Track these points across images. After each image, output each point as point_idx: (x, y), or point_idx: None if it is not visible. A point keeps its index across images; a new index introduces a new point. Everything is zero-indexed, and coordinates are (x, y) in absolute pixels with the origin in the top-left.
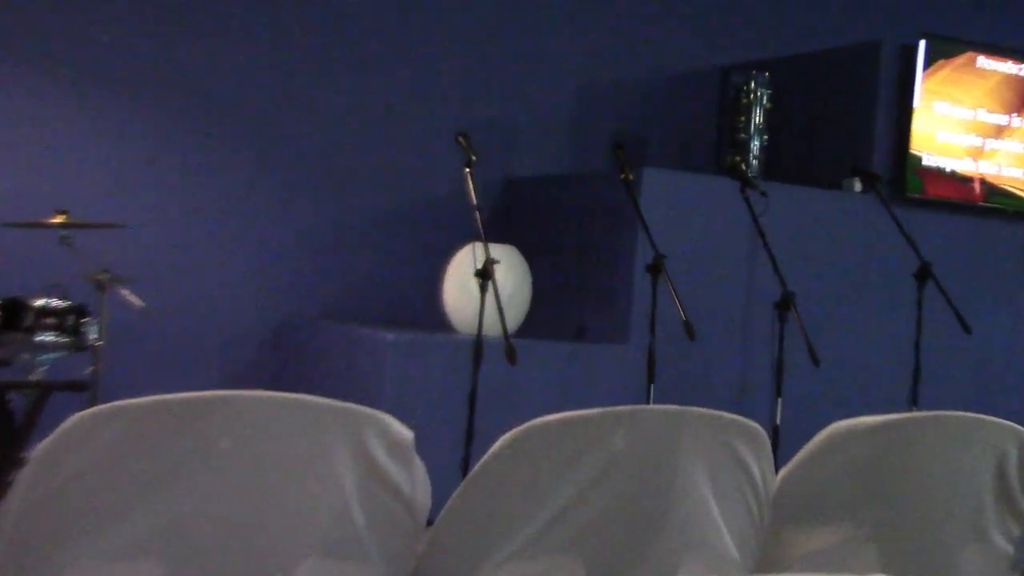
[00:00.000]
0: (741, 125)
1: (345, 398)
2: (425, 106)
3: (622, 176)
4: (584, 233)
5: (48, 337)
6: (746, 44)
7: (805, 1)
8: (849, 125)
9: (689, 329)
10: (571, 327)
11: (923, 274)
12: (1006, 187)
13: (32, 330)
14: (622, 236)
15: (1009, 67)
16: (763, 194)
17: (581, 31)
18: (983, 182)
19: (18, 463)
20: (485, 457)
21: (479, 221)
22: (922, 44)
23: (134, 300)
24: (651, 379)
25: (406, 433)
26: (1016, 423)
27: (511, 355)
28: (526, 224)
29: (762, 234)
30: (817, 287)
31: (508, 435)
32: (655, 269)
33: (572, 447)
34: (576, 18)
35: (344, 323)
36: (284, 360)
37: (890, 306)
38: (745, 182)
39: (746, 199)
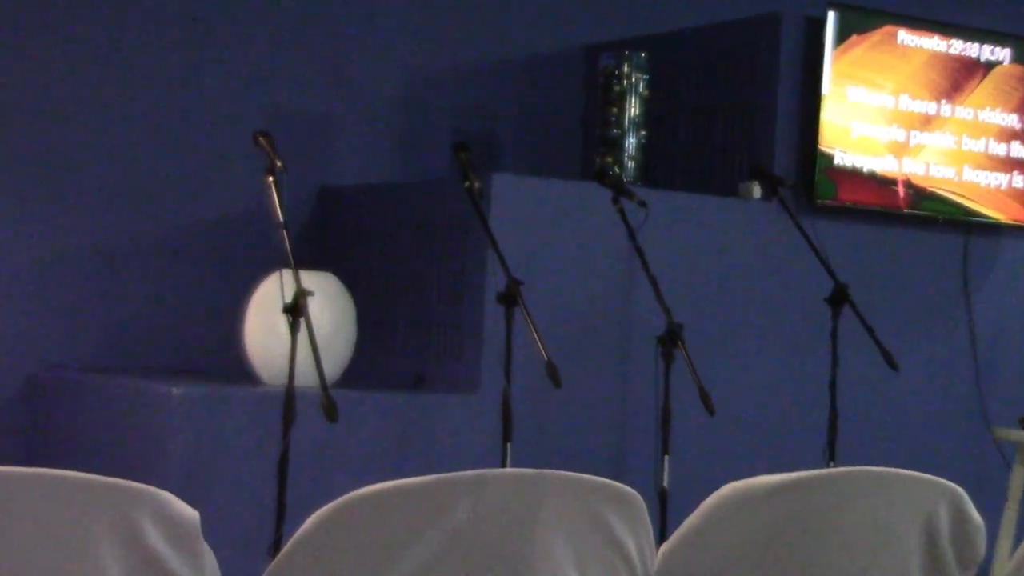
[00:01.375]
0: (613, 119)
1: (117, 471)
2: (215, 100)
3: (465, 184)
4: (420, 256)
5: None
6: (617, 18)
7: None
8: (745, 117)
9: (553, 373)
10: (407, 374)
11: (838, 299)
12: (936, 190)
13: None
14: (468, 259)
15: (936, 43)
16: (641, 204)
17: (413, 4)
18: (909, 184)
19: None
20: (293, 539)
21: (287, 243)
22: (831, 16)
23: None
24: (507, 436)
25: (190, 514)
26: (952, 478)
27: (330, 410)
28: (347, 246)
29: (641, 254)
30: (710, 318)
31: (322, 511)
32: (509, 299)
33: (403, 523)
34: None
35: (116, 374)
36: (36, 423)
37: (800, 339)
38: (619, 190)
39: (620, 211)
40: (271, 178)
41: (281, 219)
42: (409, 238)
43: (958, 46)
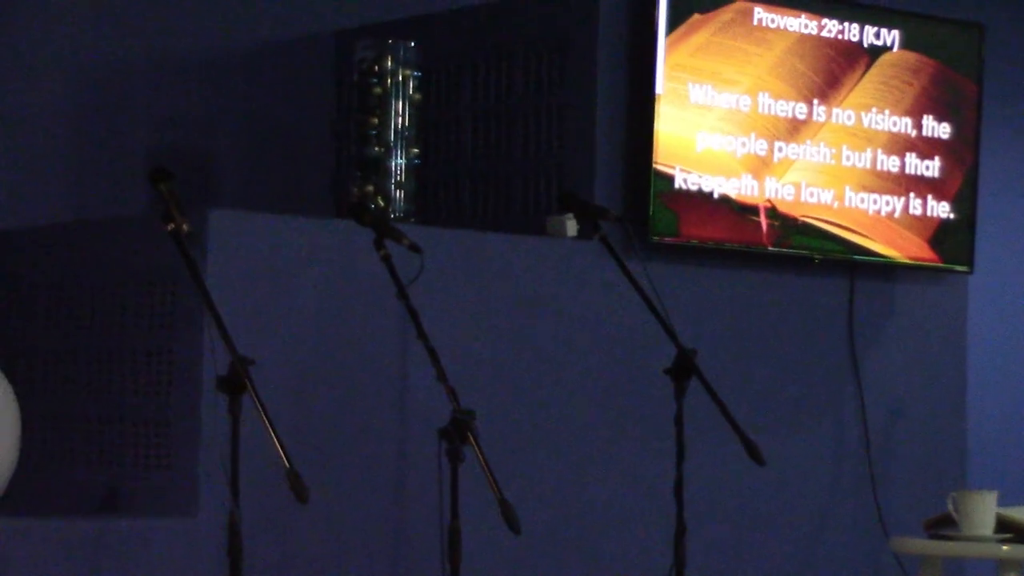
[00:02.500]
0: (373, 132)
1: None
2: None
3: (169, 226)
4: (109, 326)
5: None
6: None
7: None
8: (554, 128)
9: (297, 484)
10: (95, 490)
11: (683, 370)
12: (811, 220)
13: None
14: (176, 329)
15: (804, 24)
16: (413, 249)
17: None
18: (774, 213)
19: None
20: None
21: None
22: None
23: None
24: (235, 570)
25: None
26: None
27: None
28: (3, 313)
29: (415, 317)
30: (512, 399)
31: None
32: (235, 384)
33: None
34: None
35: None
36: None
37: (634, 425)
38: (382, 230)
39: (385, 258)
40: None
41: None
42: (92, 300)
43: (833, 27)
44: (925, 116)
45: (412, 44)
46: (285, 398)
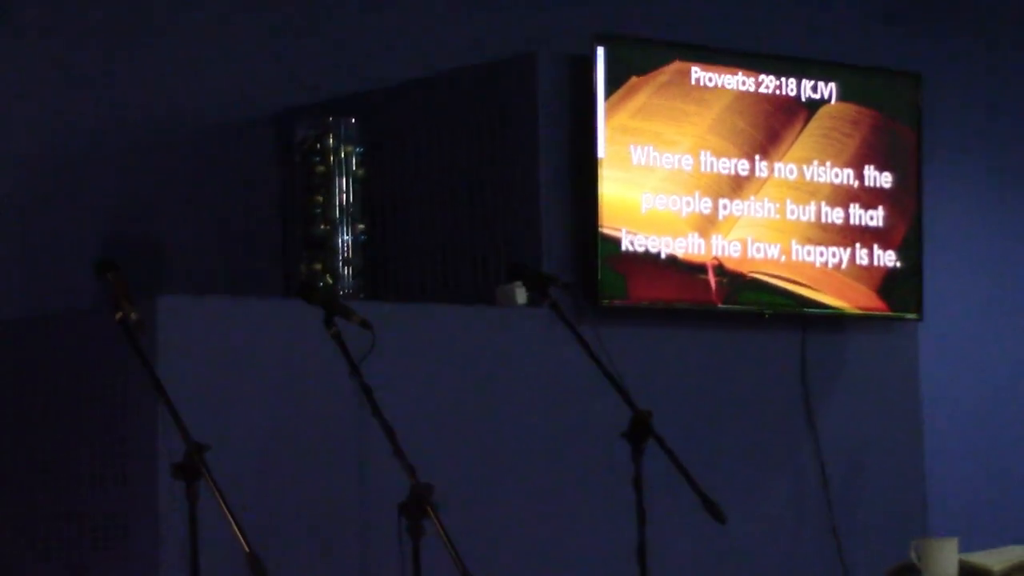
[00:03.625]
0: (318, 211)
1: None
2: None
3: (116, 315)
4: (58, 420)
5: None
6: (316, 72)
7: None
8: (498, 197)
9: (257, 568)
10: None
11: (639, 432)
12: (759, 276)
13: None
14: (128, 419)
15: (741, 81)
16: (364, 325)
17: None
18: (722, 271)
19: None
20: None
21: None
22: (600, 53)
23: None
24: None
25: None
26: None
27: None
28: None
29: (368, 393)
30: (470, 470)
31: None
32: (190, 471)
33: None
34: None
35: None
36: None
37: (593, 490)
38: (332, 308)
39: (336, 336)
40: None
41: None
42: (44, 394)
43: (770, 83)
44: (867, 166)
45: (353, 120)
46: (242, 481)
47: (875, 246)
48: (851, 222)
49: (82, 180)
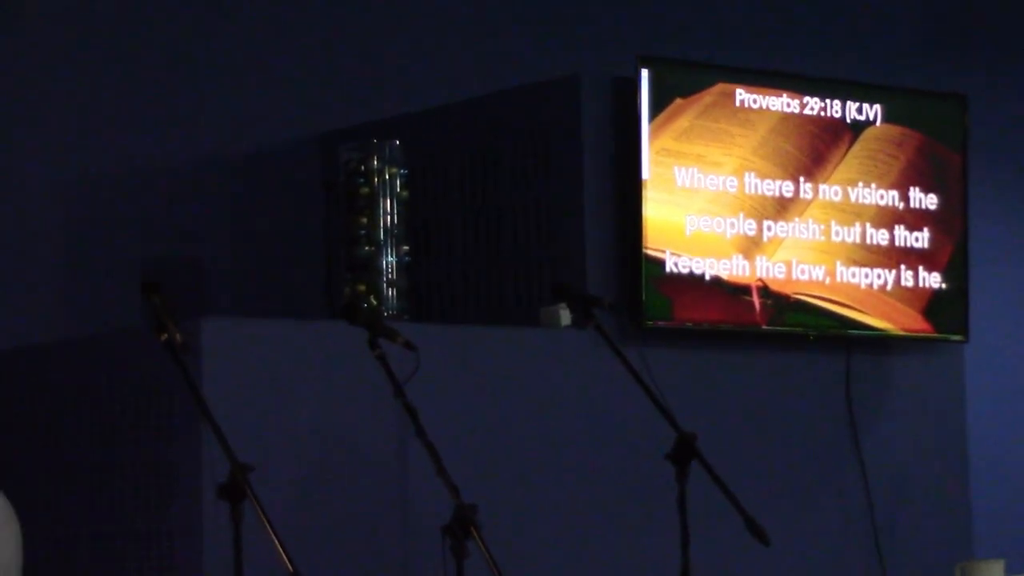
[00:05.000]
0: (363, 232)
1: None
2: None
3: (162, 336)
4: (105, 440)
5: None
6: (361, 94)
7: (447, 17)
8: (542, 220)
9: None
10: None
11: (683, 454)
12: (803, 297)
13: None
14: (173, 440)
15: (786, 103)
16: (408, 347)
17: (72, 93)
18: (766, 292)
19: None
20: None
21: None
22: (644, 76)
23: None
24: None
25: None
26: None
27: None
28: None
29: (413, 414)
30: (515, 492)
31: None
32: (235, 492)
33: None
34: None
35: None
36: None
37: (637, 510)
38: (376, 329)
39: (380, 358)
40: None
41: None
42: (90, 416)
43: (815, 105)
44: (912, 188)
45: (397, 143)
46: (287, 502)
47: (920, 267)
48: (896, 243)
49: (128, 203)
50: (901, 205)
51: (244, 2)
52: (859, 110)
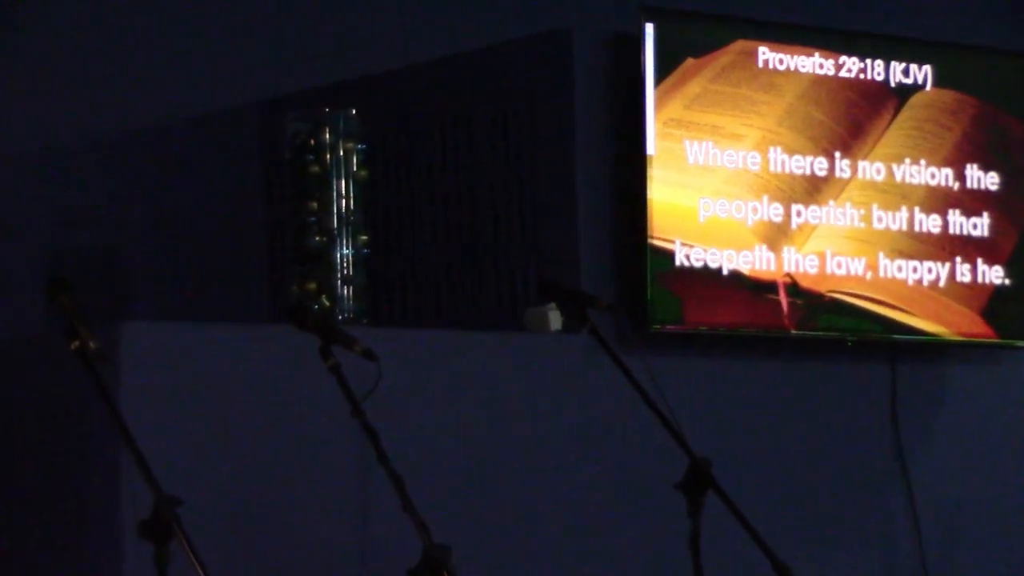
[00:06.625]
0: (314, 219)
1: None
2: None
3: (73, 344)
4: (7, 467)
5: None
6: (310, 53)
7: None
8: (527, 202)
9: None
10: None
11: (697, 482)
12: (840, 296)
13: None
14: (88, 468)
15: (818, 63)
16: (368, 356)
17: None
18: (796, 290)
19: None
20: None
21: None
22: (649, 31)
23: None
24: None
25: None
26: None
27: None
28: None
29: (373, 436)
30: (493, 527)
31: None
32: (161, 529)
33: None
34: None
35: None
36: None
37: (641, 548)
38: (329, 335)
39: (334, 368)
40: None
41: None
42: None
43: (853, 66)
44: (969, 165)
45: (353, 112)
46: (222, 542)
47: (979, 260)
48: (950, 231)
49: (32, 183)
50: (956, 185)
51: None
52: (905, 72)
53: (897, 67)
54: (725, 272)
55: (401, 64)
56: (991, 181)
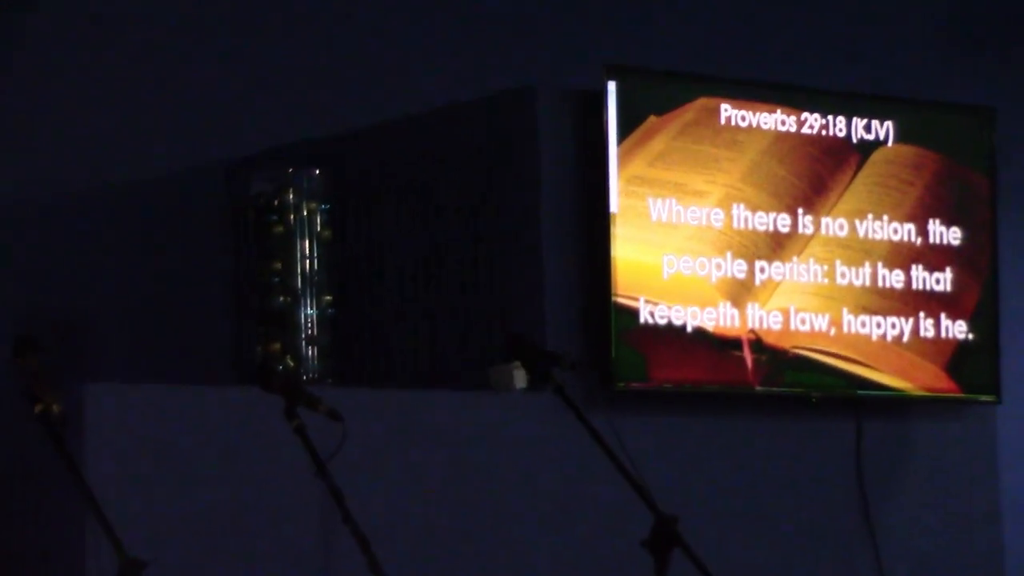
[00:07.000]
0: (278, 279)
1: None
2: None
3: (35, 406)
4: None
5: None
6: (275, 113)
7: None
8: (493, 261)
9: None
10: None
11: (663, 539)
12: (804, 352)
13: None
14: (50, 531)
15: (780, 120)
16: (333, 416)
17: None
18: (760, 346)
19: None
20: None
21: None
22: (612, 88)
23: None
24: None
25: None
26: None
27: None
28: None
29: (339, 498)
30: None
31: None
32: None
33: None
34: None
35: None
36: None
37: None
38: (294, 396)
39: (298, 430)
40: None
41: None
42: None
43: (815, 122)
44: (931, 220)
45: (317, 172)
46: None
47: (943, 315)
48: (913, 286)
49: None
50: (919, 240)
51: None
52: (867, 128)
53: (859, 123)
54: (689, 329)
55: (365, 124)
56: (953, 236)
